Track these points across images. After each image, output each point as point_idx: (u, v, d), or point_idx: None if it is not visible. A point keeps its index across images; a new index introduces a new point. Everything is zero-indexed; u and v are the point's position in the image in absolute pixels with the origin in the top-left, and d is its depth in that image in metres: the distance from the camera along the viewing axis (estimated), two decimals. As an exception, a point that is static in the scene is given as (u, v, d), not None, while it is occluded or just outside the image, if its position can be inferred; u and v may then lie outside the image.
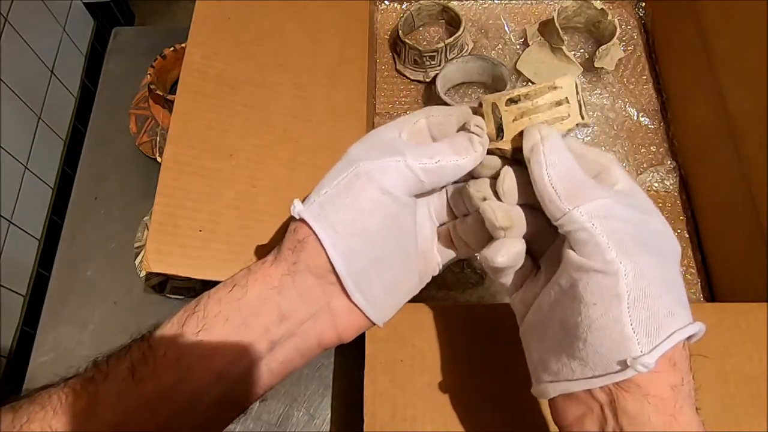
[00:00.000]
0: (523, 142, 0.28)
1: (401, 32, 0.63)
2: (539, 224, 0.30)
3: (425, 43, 0.67)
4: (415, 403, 0.37)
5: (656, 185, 0.59)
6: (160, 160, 0.60)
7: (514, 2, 0.68)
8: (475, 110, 0.31)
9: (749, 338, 0.38)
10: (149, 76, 0.61)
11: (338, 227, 0.28)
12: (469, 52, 0.64)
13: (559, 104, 0.28)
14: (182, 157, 0.45)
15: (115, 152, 0.66)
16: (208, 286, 0.30)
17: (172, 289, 0.58)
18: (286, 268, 0.29)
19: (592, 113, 0.62)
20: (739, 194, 0.50)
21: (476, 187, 0.30)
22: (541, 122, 0.28)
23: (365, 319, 0.30)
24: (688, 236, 0.57)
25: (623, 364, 0.24)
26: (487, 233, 0.30)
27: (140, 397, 0.26)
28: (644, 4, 0.67)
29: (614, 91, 0.63)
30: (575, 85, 0.29)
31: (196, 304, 0.29)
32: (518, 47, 0.65)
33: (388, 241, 0.29)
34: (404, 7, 0.69)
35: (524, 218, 0.29)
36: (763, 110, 0.46)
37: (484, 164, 0.30)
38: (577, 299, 0.25)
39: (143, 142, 0.63)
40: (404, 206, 0.29)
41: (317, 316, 0.30)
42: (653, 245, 0.26)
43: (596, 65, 0.61)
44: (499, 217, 0.28)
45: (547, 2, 0.68)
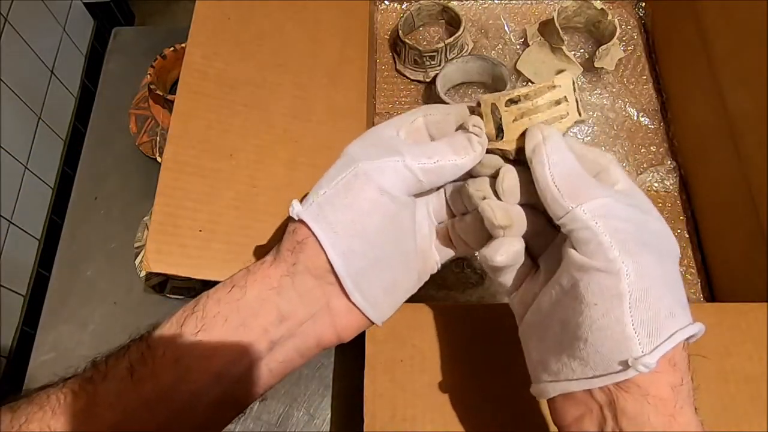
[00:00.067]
0: (525, 142, 0.28)
1: (401, 32, 0.63)
2: (538, 224, 0.30)
3: (425, 43, 0.67)
4: (415, 403, 0.37)
5: (656, 185, 0.59)
6: (160, 160, 0.60)
7: (514, 2, 0.68)
8: (472, 110, 0.31)
9: (749, 338, 0.38)
10: (149, 76, 0.61)
11: (337, 228, 0.28)
12: (469, 52, 0.64)
13: (558, 103, 0.28)
14: (182, 157, 0.45)
15: (115, 152, 0.66)
16: (208, 286, 0.30)
17: (172, 289, 0.58)
18: (285, 269, 0.29)
19: (592, 113, 0.62)
20: (739, 194, 0.50)
21: (475, 186, 0.30)
22: (541, 122, 0.28)
23: (364, 318, 0.30)
24: (688, 236, 0.57)
25: (624, 364, 0.24)
26: (486, 232, 0.30)
27: (139, 397, 0.26)
28: (644, 4, 0.67)
29: (614, 91, 0.63)
30: (572, 82, 0.29)
31: (194, 304, 0.29)
32: (518, 47, 0.65)
33: (387, 241, 0.29)
34: (404, 7, 0.69)
35: (524, 217, 0.29)
36: (763, 110, 0.46)
37: (483, 163, 0.30)
38: (578, 299, 0.25)
39: (143, 142, 0.63)
40: (403, 206, 0.29)
41: (316, 316, 0.30)
42: (654, 245, 0.26)
43: (596, 65, 0.61)
44: (498, 215, 0.28)
45: (547, 2, 0.68)
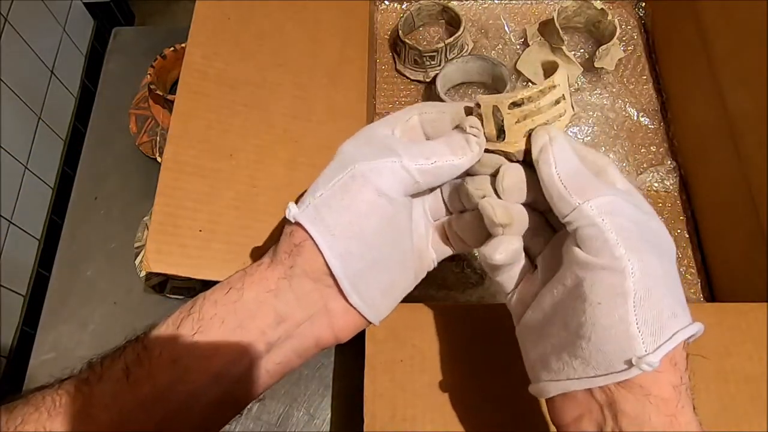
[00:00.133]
0: (531, 144, 0.28)
1: (401, 32, 0.63)
2: (535, 223, 0.30)
3: (425, 43, 0.67)
4: (415, 403, 0.37)
5: (656, 185, 0.59)
6: (160, 160, 0.60)
7: (514, 2, 0.68)
8: (470, 110, 0.31)
9: (749, 338, 0.38)
10: (149, 76, 0.61)
11: (335, 230, 0.27)
12: (469, 52, 0.64)
13: (557, 102, 0.28)
14: (182, 157, 0.45)
15: (115, 152, 0.66)
16: (208, 286, 0.30)
17: (172, 289, 0.58)
18: (282, 271, 0.29)
19: (592, 113, 0.62)
20: (739, 194, 0.50)
21: (474, 184, 0.30)
22: (543, 122, 0.28)
23: (362, 319, 0.30)
24: (688, 236, 0.57)
25: (628, 363, 0.24)
26: (484, 230, 0.30)
27: (135, 398, 0.26)
28: (644, 4, 0.67)
29: (614, 91, 0.63)
30: (567, 77, 0.29)
31: (191, 305, 0.29)
32: (518, 47, 0.65)
33: (384, 242, 0.29)
34: (404, 7, 0.69)
35: (525, 215, 0.30)
36: (763, 110, 0.46)
37: (482, 162, 0.30)
38: (581, 298, 0.25)
39: (143, 142, 0.63)
40: (400, 207, 0.29)
41: (314, 317, 0.30)
42: (655, 244, 0.26)
43: (596, 65, 0.61)
44: (498, 214, 0.28)
45: (547, 2, 0.68)
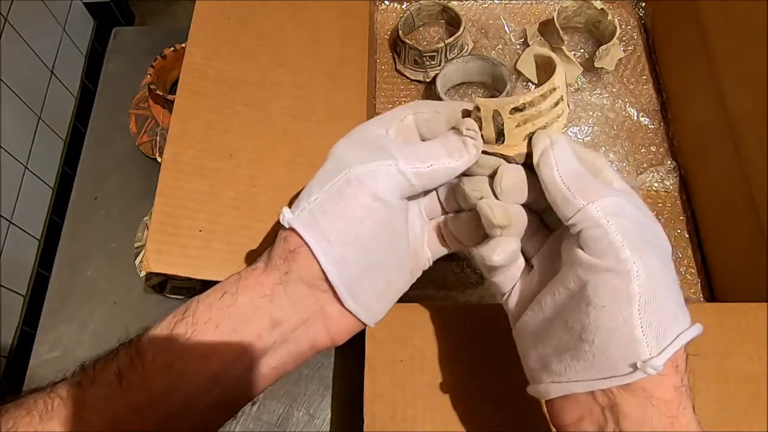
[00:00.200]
0: (532, 148, 0.28)
1: (401, 32, 0.63)
2: (531, 223, 0.30)
3: (425, 43, 0.67)
4: (415, 403, 0.37)
5: (656, 185, 0.59)
6: (160, 160, 0.60)
7: (514, 2, 0.68)
8: (467, 113, 0.31)
9: (749, 338, 0.38)
10: (149, 76, 0.61)
11: (330, 236, 0.27)
12: (469, 52, 0.64)
13: (556, 104, 0.28)
14: (182, 157, 0.45)
15: (115, 152, 0.66)
16: (207, 286, 0.30)
17: (172, 289, 0.58)
18: (277, 277, 0.28)
19: (592, 113, 0.62)
20: (739, 194, 0.50)
21: (472, 185, 0.30)
22: (543, 124, 0.28)
23: (357, 321, 0.30)
24: (688, 236, 0.57)
25: (633, 366, 0.24)
26: (481, 230, 0.30)
27: (128, 402, 0.26)
28: (644, 4, 0.67)
29: (614, 91, 0.63)
30: (565, 77, 0.29)
31: (185, 309, 0.28)
32: (518, 47, 0.65)
33: (380, 246, 0.29)
34: (404, 7, 0.69)
35: (524, 216, 0.29)
36: (763, 110, 0.46)
37: (480, 163, 0.30)
38: (585, 301, 0.25)
39: (143, 142, 0.63)
40: (396, 210, 0.29)
41: (309, 322, 0.29)
42: (656, 245, 0.26)
43: (596, 65, 0.61)
44: (497, 215, 0.28)
45: (547, 2, 0.68)
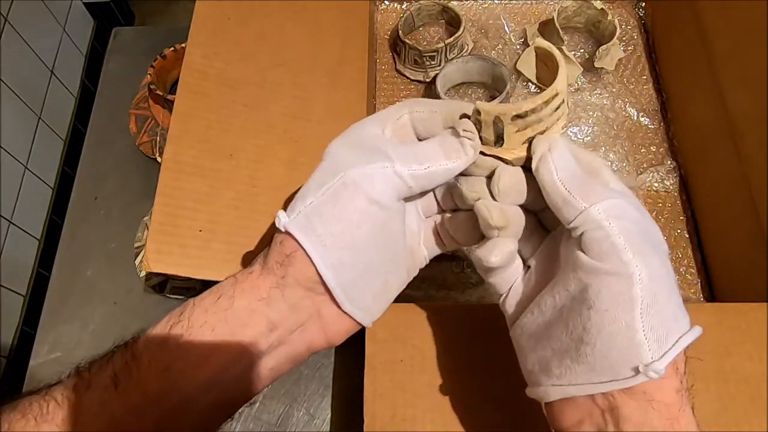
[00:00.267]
0: (532, 152, 0.28)
1: (401, 32, 0.63)
2: (528, 224, 0.30)
3: (425, 43, 0.67)
4: (415, 403, 0.37)
5: (656, 185, 0.59)
6: (160, 160, 0.60)
7: (514, 2, 0.68)
8: (465, 117, 0.30)
9: (749, 338, 0.38)
10: (149, 76, 0.61)
11: (327, 240, 0.27)
12: (469, 52, 0.64)
13: (557, 108, 0.28)
14: (182, 157, 0.45)
15: (115, 152, 0.66)
16: (207, 286, 0.30)
17: (172, 289, 0.58)
18: (274, 280, 0.28)
19: (592, 113, 0.62)
20: (739, 194, 0.50)
21: (469, 185, 0.30)
22: (543, 129, 0.28)
23: (354, 323, 0.30)
24: (688, 236, 0.57)
25: (634, 370, 0.24)
26: (478, 230, 0.30)
27: (124, 406, 0.26)
28: (644, 4, 0.67)
29: (614, 91, 0.63)
30: (566, 80, 0.29)
31: (180, 312, 0.28)
32: (518, 47, 0.65)
33: (376, 249, 0.29)
34: (404, 7, 0.69)
35: (522, 217, 0.29)
36: (763, 110, 0.46)
37: (477, 164, 0.30)
38: (586, 304, 0.25)
39: (143, 142, 0.63)
40: (393, 212, 0.29)
41: (306, 324, 0.29)
42: (655, 246, 0.25)
43: (596, 65, 0.61)
44: (494, 216, 0.28)
45: (547, 2, 0.68)
